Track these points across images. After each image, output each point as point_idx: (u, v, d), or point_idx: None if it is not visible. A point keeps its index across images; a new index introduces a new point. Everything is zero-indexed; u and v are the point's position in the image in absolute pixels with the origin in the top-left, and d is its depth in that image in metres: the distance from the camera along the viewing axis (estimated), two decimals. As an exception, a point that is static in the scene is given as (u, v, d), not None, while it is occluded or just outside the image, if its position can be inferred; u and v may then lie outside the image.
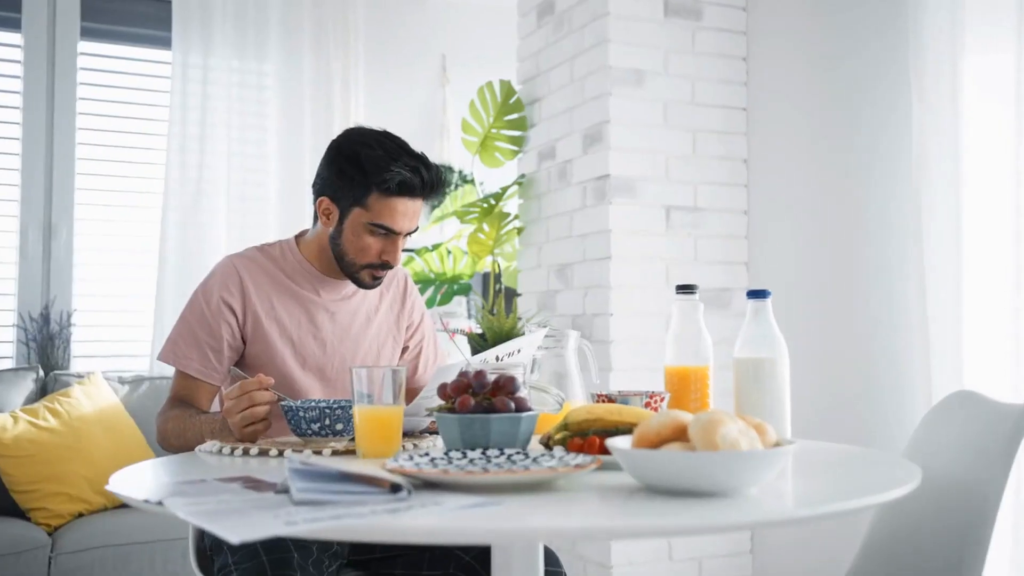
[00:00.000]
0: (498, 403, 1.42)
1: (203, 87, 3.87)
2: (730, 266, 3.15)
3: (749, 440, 1.15)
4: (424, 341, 2.19)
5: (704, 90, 3.14)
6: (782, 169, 3.07)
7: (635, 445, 1.19)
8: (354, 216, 1.89)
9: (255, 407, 1.61)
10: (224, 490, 1.19)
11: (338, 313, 2.01)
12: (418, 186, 1.87)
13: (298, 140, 3.98)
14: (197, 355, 1.91)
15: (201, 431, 1.78)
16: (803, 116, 2.99)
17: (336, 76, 4.08)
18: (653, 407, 1.58)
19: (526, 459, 1.32)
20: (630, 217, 3.02)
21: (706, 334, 1.71)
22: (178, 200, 3.78)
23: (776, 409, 1.63)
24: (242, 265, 1.97)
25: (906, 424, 2.56)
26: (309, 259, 2.01)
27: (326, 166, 1.93)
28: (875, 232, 2.72)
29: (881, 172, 2.70)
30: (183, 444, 1.82)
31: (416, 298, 2.20)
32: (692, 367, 1.69)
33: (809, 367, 2.77)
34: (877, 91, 2.72)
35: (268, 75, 4.03)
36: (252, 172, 3.95)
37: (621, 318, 2.98)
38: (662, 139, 3.07)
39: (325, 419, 1.60)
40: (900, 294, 2.62)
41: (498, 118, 3.46)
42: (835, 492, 1.20)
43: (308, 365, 1.97)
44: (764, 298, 1.66)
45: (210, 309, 1.92)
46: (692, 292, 1.72)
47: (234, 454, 1.56)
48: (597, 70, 3.06)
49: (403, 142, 1.93)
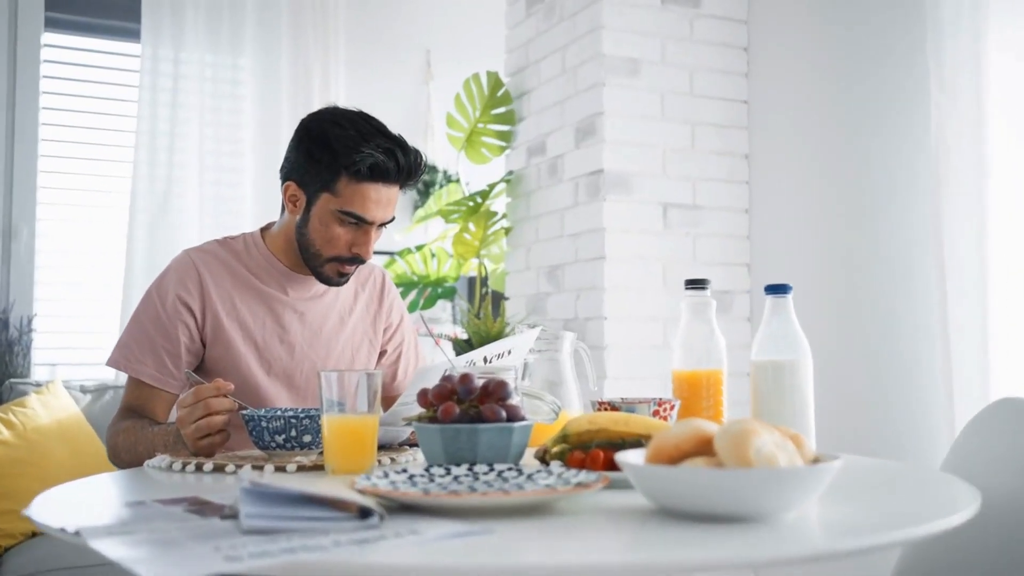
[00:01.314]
0: (487, 411, 1.24)
1: (174, 82, 3.69)
2: (731, 267, 2.97)
3: (787, 455, 0.97)
4: (404, 345, 2.01)
5: (703, 81, 2.97)
6: (786, 165, 2.90)
7: (650, 460, 1.01)
8: (322, 203, 1.72)
9: (211, 416, 1.44)
10: (162, 516, 1.02)
11: (308, 313, 1.83)
12: (392, 171, 1.69)
13: (275, 139, 3.79)
14: (152, 360, 1.72)
15: (153, 444, 1.59)
16: (808, 108, 2.82)
17: (315, 72, 3.90)
18: (662, 416, 1.40)
19: (519, 476, 1.15)
20: (625, 215, 2.84)
21: (719, 335, 1.53)
22: (147, 200, 3.59)
23: (799, 418, 1.45)
24: (201, 260, 1.78)
25: (928, 435, 2.39)
26: (275, 253, 1.82)
27: (294, 148, 1.76)
28: (889, 231, 2.55)
29: (896, 167, 2.53)
30: (134, 459, 1.64)
31: (395, 298, 2.01)
32: (704, 371, 1.51)
33: (817, 377, 2.58)
34: (892, 79, 2.55)
35: (243, 70, 3.85)
36: (226, 172, 3.76)
37: (616, 322, 2.80)
38: (659, 132, 2.90)
39: (291, 430, 1.43)
40: (918, 297, 2.44)
41: (485, 112, 3.28)
42: (887, 517, 1.01)
43: (274, 371, 1.78)
44: (784, 294, 1.48)
45: (165, 309, 1.73)
46: (703, 288, 1.54)
47: (185, 470, 1.38)
48: (590, 59, 2.89)
49: (379, 123, 1.75)
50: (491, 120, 3.31)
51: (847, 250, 2.68)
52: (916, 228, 2.46)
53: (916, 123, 2.46)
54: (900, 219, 2.52)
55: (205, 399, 1.44)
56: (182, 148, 3.67)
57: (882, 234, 2.57)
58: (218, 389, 1.45)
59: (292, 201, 1.77)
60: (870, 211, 2.61)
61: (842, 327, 2.65)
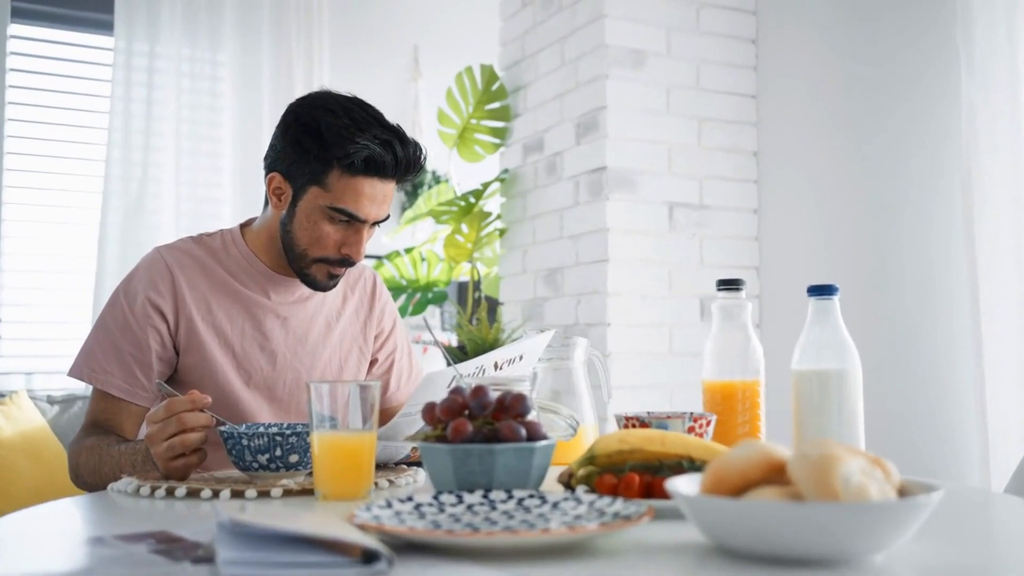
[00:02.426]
0: (504, 429, 1.07)
1: (149, 76, 3.54)
2: (739, 271, 2.82)
3: (878, 485, 0.81)
4: (397, 352, 1.84)
5: (710, 74, 2.82)
6: (797, 163, 2.75)
7: (709, 489, 0.85)
8: (310, 197, 1.54)
9: (185, 434, 1.27)
10: (123, 559, 0.85)
11: (291, 319, 1.66)
12: (389, 164, 1.53)
13: (256, 138, 3.64)
14: (119, 370, 1.54)
15: (120, 464, 1.42)
16: (821, 102, 2.67)
17: (298, 68, 3.75)
18: (698, 433, 1.24)
19: (543, 504, 0.99)
20: (629, 215, 2.68)
21: (756, 341, 1.37)
22: (120, 201, 3.43)
23: (847, 435, 1.29)
24: (173, 259, 1.61)
25: (957, 448, 2.23)
26: (256, 252, 1.65)
27: (280, 135, 1.59)
28: (912, 231, 2.39)
29: (921, 161, 2.38)
30: (99, 481, 1.46)
31: (387, 301, 1.84)
32: (739, 382, 1.35)
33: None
34: (916, 67, 2.40)
35: (223, 65, 3.70)
36: (204, 172, 3.60)
37: (619, 329, 2.63)
38: (664, 127, 2.75)
39: (275, 449, 1.26)
40: (946, 303, 2.29)
41: (478, 107, 3.12)
42: (992, 559, 0.85)
43: (254, 382, 1.61)
44: (830, 295, 1.32)
45: (134, 313, 1.56)
46: (738, 289, 1.38)
47: (155, 495, 1.21)
48: (592, 50, 2.74)
49: (376, 111, 1.58)
50: (485, 116, 3.15)
51: (864, 253, 2.53)
52: (944, 227, 2.31)
53: (944, 113, 2.31)
54: (925, 218, 2.37)
55: (178, 414, 1.27)
56: (157, 146, 3.53)
57: (905, 235, 2.41)
58: (193, 402, 1.28)
59: (276, 194, 1.59)
60: (891, 210, 2.46)
61: (859, 336, 2.48)
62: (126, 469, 1.40)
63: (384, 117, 1.58)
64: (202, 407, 1.29)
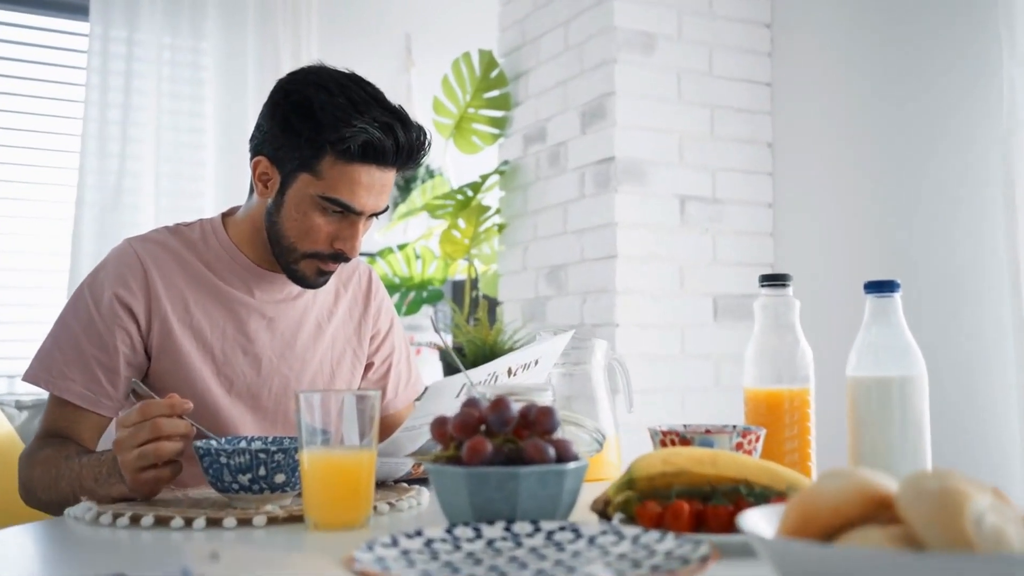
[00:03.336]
0: (529, 449, 0.91)
1: (127, 65, 3.38)
2: (753, 269, 2.67)
3: (1015, 527, 0.64)
4: (394, 356, 1.67)
5: (723, 60, 2.67)
6: (814, 154, 2.60)
7: (795, 528, 0.69)
8: (300, 185, 1.38)
9: (160, 441, 1.10)
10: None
11: (278, 319, 1.49)
12: (389, 151, 1.36)
13: (240, 132, 3.49)
14: (81, 375, 1.37)
15: (80, 479, 1.24)
16: (840, 90, 2.52)
17: (285, 57, 3.60)
18: (746, 450, 1.07)
19: (577, 539, 0.86)
20: (638, 208, 2.52)
21: (805, 343, 1.21)
22: (96, 195, 3.28)
23: (911, 449, 1.13)
24: (146, 252, 1.44)
25: (993, 455, 2.07)
26: (240, 245, 1.48)
27: (268, 114, 1.42)
28: (944, 226, 2.24)
29: (956, 152, 2.22)
30: (55, 498, 1.30)
31: (383, 299, 1.68)
32: (787, 390, 1.19)
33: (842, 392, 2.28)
34: (951, 50, 2.24)
35: (206, 54, 3.54)
36: (185, 165, 3.45)
37: (628, 329, 2.47)
38: (675, 116, 2.59)
39: (259, 467, 1.10)
40: (984, 303, 2.13)
41: (476, 95, 2.96)
42: None
43: (236, 389, 1.44)
44: (891, 293, 1.16)
45: (100, 312, 1.39)
46: (784, 285, 1.22)
47: (117, 524, 1.03)
48: (599, 33, 2.57)
49: (375, 90, 1.42)
50: (483, 104, 2.99)
51: (888, 249, 2.37)
52: (980, 218, 2.16)
53: (982, 99, 2.15)
54: (959, 210, 2.21)
55: (154, 418, 1.10)
56: (136, 137, 3.38)
57: (936, 229, 2.26)
58: (172, 407, 1.12)
59: (263, 181, 1.42)
60: (920, 203, 2.30)
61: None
62: (87, 483, 1.22)
63: (385, 97, 1.42)
64: (182, 413, 1.13)
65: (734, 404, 2.57)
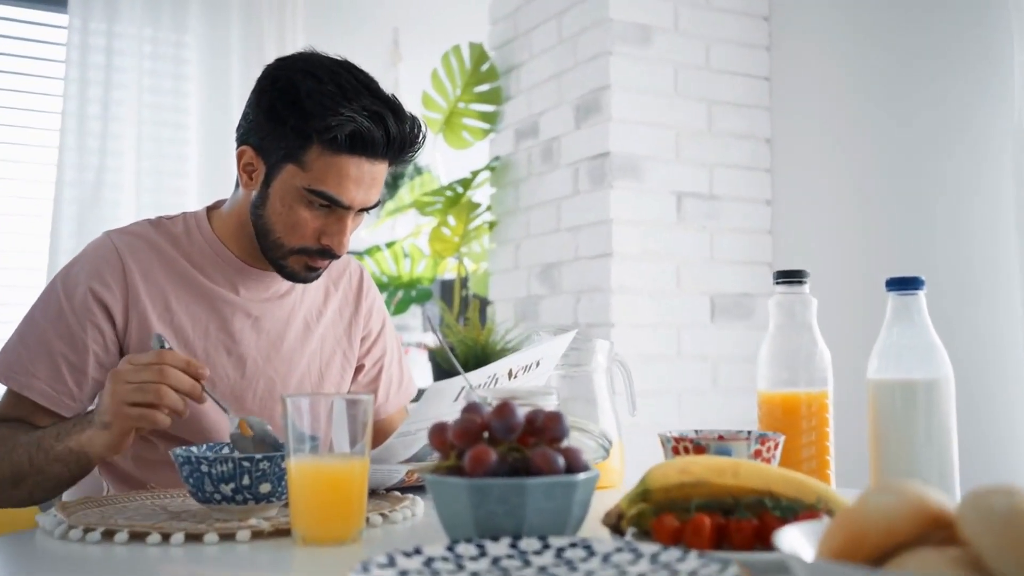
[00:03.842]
0: (537, 459, 0.84)
1: (107, 58, 3.29)
2: (751, 267, 2.60)
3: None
4: (386, 358, 1.60)
5: (720, 53, 2.60)
6: (814, 149, 2.54)
7: (842, 550, 0.63)
8: (285, 176, 1.30)
9: (163, 386, 1.09)
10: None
11: (264, 318, 1.41)
12: (379, 142, 1.29)
13: (224, 126, 3.40)
14: (45, 371, 1.29)
15: (39, 440, 1.21)
16: (841, 84, 2.46)
17: (269, 51, 3.52)
18: (764, 457, 1.00)
19: (589, 557, 0.84)
20: (634, 205, 2.45)
21: (823, 344, 1.14)
22: (75, 192, 3.19)
23: (938, 456, 1.07)
24: (125, 244, 1.36)
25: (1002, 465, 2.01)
26: (224, 240, 1.40)
27: (254, 102, 1.35)
28: (951, 224, 2.18)
29: (963, 146, 2.16)
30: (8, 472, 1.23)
31: (375, 299, 1.61)
32: (804, 393, 1.13)
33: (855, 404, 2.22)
34: (958, 37, 2.18)
35: (188, 47, 3.45)
36: (168, 160, 3.36)
37: (623, 329, 2.40)
38: (672, 110, 2.52)
39: (242, 476, 1.04)
40: (994, 305, 2.07)
41: (467, 89, 2.88)
42: None
43: (219, 392, 1.37)
44: (915, 290, 1.09)
45: (72, 305, 1.31)
46: (801, 282, 1.15)
47: (87, 539, 0.95)
48: (594, 25, 2.50)
49: (368, 78, 1.35)
50: (474, 99, 2.91)
51: (891, 248, 2.31)
52: (990, 216, 2.09)
53: (991, 91, 2.09)
54: (967, 207, 2.15)
55: (168, 365, 1.09)
56: (116, 133, 3.28)
57: (942, 227, 2.19)
58: (189, 365, 1.10)
59: (247, 172, 1.35)
60: (925, 200, 2.25)
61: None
62: (47, 443, 1.19)
63: (378, 86, 1.34)
64: (198, 376, 1.10)
65: (732, 406, 2.50)
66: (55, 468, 1.19)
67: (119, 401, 1.08)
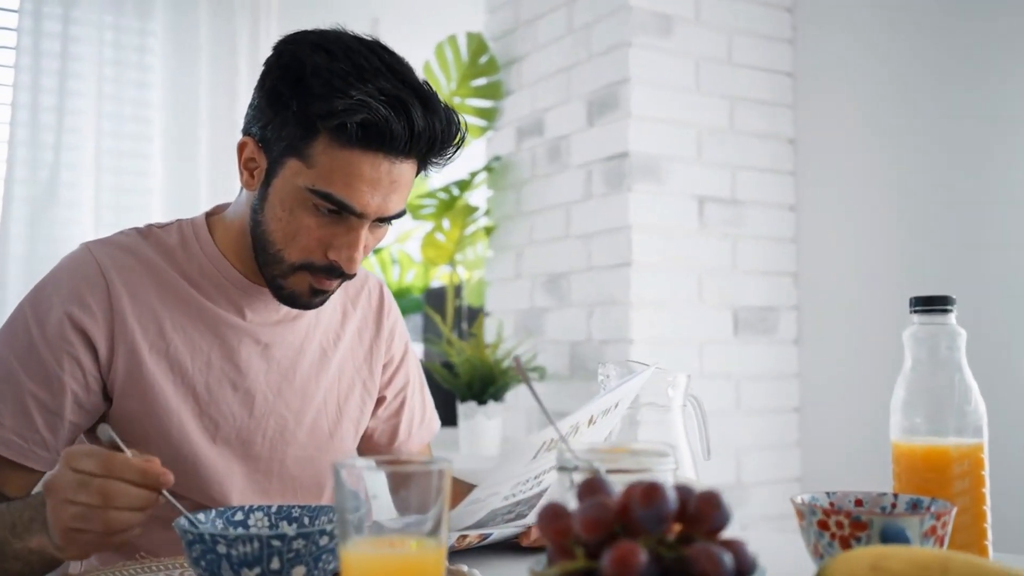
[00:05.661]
0: (702, 560, 0.63)
1: (63, 46, 3.03)
2: (774, 278, 2.42)
3: None
4: (408, 388, 1.38)
5: (743, 47, 2.42)
6: (840, 151, 2.38)
7: None
8: (288, 173, 1.06)
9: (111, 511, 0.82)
10: None
11: (275, 345, 1.18)
12: (400, 135, 1.02)
13: (191, 121, 3.16)
14: (12, 416, 1.06)
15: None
16: (869, 80, 2.30)
17: (242, 39, 3.28)
18: (939, 535, 0.80)
19: None
20: (655, 210, 2.25)
21: (975, 388, 0.95)
22: (27, 190, 2.93)
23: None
24: (111, 260, 1.12)
25: None
26: (227, 253, 1.17)
27: (259, 84, 1.10)
28: (993, 236, 2.01)
29: (1005, 149, 2.00)
30: None
31: (397, 318, 1.38)
32: (955, 446, 0.93)
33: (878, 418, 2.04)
34: (998, 32, 2.01)
35: (154, 35, 3.20)
36: (130, 157, 3.11)
37: (642, 346, 2.20)
38: (693, 107, 2.34)
39: (271, 559, 0.86)
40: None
41: (463, 84, 2.67)
42: None
43: (223, 434, 1.14)
44: (945, 309, 0.92)
45: (46, 336, 1.07)
46: (946, 311, 0.95)
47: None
48: (610, 14, 2.31)
49: (398, 60, 1.07)
50: (470, 93, 2.70)
51: (924, 258, 2.14)
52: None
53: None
54: (1012, 217, 1.98)
55: (118, 476, 0.81)
56: (72, 127, 3.01)
57: (984, 238, 2.03)
58: (145, 475, 0.82)
59: (248, 168, 1.10)
60: (962, 208, 2.08)
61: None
62: (3, 531, 0.92)
63: (410, 71, 1.08)
64: (158, 486, 0.83)
65: (756, 429, 2.31)
66: (14, 566, 0.93)
67: (63, 527, 0.82)
